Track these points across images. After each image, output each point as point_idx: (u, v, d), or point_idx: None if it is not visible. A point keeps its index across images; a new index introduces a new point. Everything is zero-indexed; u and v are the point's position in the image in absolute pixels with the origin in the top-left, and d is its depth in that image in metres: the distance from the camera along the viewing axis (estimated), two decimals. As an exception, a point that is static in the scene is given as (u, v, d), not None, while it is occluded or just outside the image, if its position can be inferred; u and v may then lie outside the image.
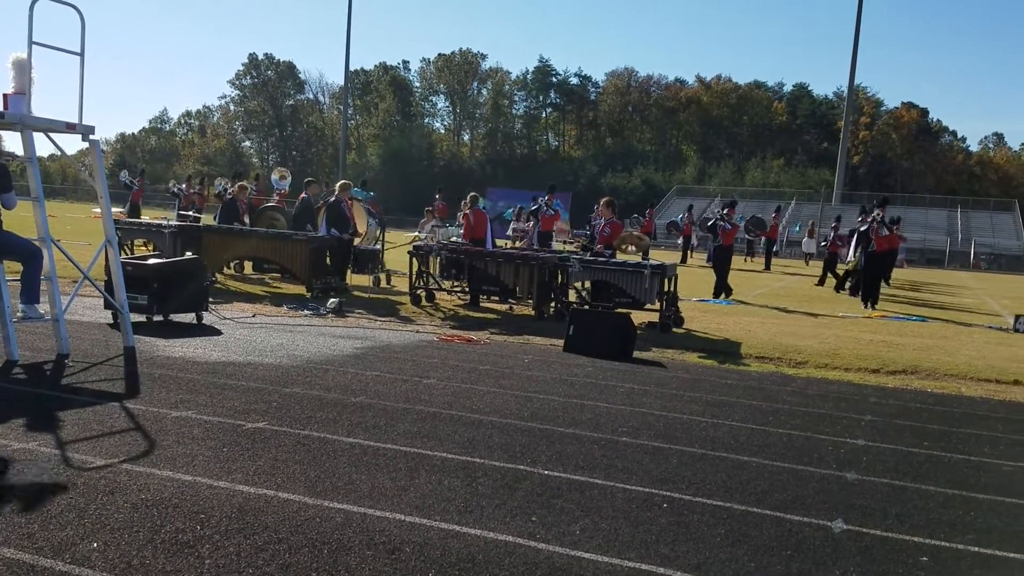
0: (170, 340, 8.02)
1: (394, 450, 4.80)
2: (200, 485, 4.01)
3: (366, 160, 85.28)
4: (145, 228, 13.69)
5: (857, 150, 71.74)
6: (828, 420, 6.33)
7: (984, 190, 66.59)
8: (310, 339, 8.66)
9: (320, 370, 7.03)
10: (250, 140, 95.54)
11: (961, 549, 3.81)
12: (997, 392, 7.96)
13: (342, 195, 13.45)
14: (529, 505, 4.02)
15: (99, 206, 7.67)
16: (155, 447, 4.59)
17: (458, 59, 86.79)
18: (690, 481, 4.57)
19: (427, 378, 6.96)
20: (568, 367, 7.91)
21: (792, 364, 8.88)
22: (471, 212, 13.89)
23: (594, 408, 6.22)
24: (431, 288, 12.36)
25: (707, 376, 7.94)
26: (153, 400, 5.64)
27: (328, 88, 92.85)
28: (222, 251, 12.93)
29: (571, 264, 11.03)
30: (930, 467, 5.19)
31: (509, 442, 5.12)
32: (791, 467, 4.98)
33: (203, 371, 6.68)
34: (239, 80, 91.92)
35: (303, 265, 12.25)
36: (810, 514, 4.15)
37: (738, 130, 79.26)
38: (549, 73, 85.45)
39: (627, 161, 76.55)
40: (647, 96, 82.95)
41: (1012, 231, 53.46)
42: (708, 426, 5.88)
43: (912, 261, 41.63)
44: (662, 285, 10.69)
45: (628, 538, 3.68)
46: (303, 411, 5.58)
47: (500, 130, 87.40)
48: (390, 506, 3.88)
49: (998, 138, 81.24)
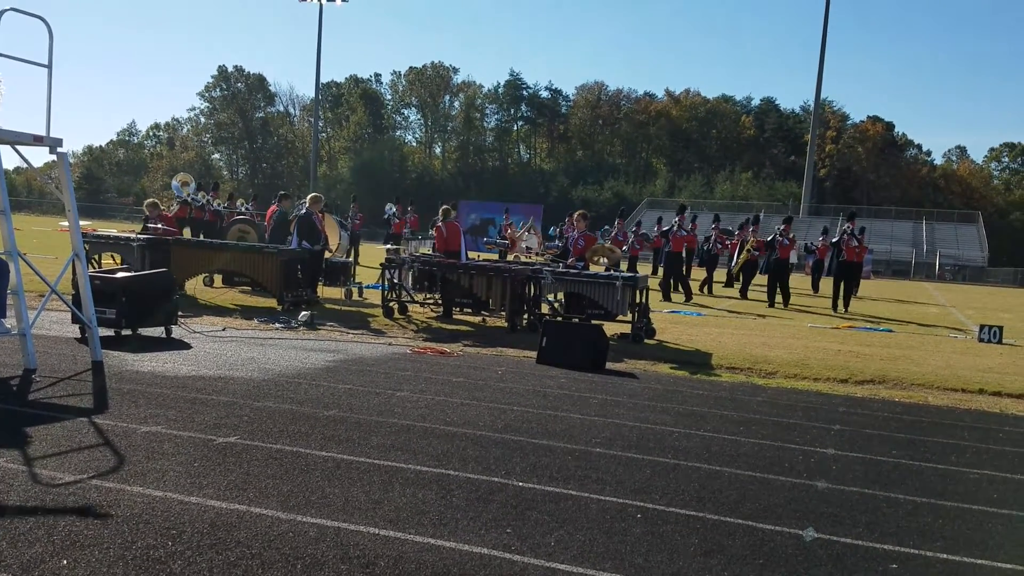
0: (139, 354, 7.93)
1: (368, 463, 4.78)
2: (171, 501, 3.97)
3: (337, 173, 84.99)
4: (113, 241, 13.53)
5: (824, 163, 72.78)
6: (798, 429, 6.40)
7: (948, 202, 67.86)
8: (281, 352, 8.60)
9: (292, 383, 6.98)
10: (219, 153, 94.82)
11: (930, 556, 3.87)
12: (963, 401, 8.10)
13: (313, 207, 13.40)
14: (504, 517, 4.02)
15: (67, 219, 7.58)
16: (125, 463, 4.53)
17: (430, 72, 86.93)
18: (663, 491, 4.60)
19: (400, 391, 6.94)
20: (541, 379, 7.93)
21: (762, 374, 8.97)
22: (444, 224, 13.90)
23: (567, 419, 6.24)
24: (404, 300, 12.33)
25: (679, 387, 8.00)
26: (122, 415, 5.57)
27: (299, 100, 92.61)
28: (192, 264, 12.81)
29: (543, 276, 11.08)
30: (898, 475, 5.27)
31: (483, 454, 5.12)
32: (762, 476, 5.03)
33: (173, 386, 6.61)
34: (209, 92, 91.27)
35: (274, 278, 12.18)
36: (782, 523, 4.20)
37: (707, 143, 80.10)
38: (520, 86, 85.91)
39: (598, 174, 77.05)
40: (617, 109, 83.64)
41: (976, 242, 54.54)
42: (681, 436, 5.92)
43: (878, 272, 42.27)
44: (634, 297, 10.77)
45: (602, 549, 3.70)
46: (275, 425, 5.54)
47: (472, 143, 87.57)
48: (364, 520, 3.86)
49: (961, 151, 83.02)
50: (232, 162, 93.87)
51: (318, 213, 13.59)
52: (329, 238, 15.55)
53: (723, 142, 79.85)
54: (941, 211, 61.93)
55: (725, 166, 75.38)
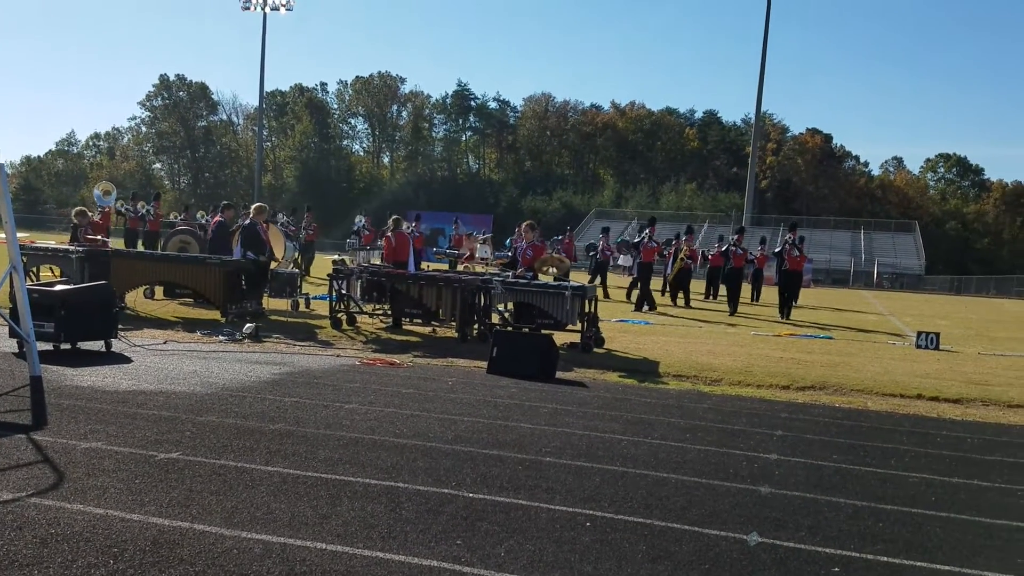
0: (78, 369, 7.73)
1: (315, 477, 4.73)
2: (112, 518, 3.87)
3: (283, 182, 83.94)
4: (52, 253, 13.18)
5: (765, 175, 74.24)
6: (742, 436, 6.51)
7: (885, 212, 69.71)
8: (225, 365, 8.45)
9: (236, 397, 6.87)
10: (161, 162, 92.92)
11: (871, 559, 3.96)
12: (901, 406, 8.33)
13: (257, 218, 13.22)
14: (454, 529, 4.01)
15: (3, 231, 7.36)
16: (64, 480, 4.41)
17: (377, 82, 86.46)
18: (612, 499, 4.63)
19: (349, 403, 6.88)
20: (492, 389, 7.94)
21: (708, 382, 9.10)
22: (393, 235, 13.83)
23: (518, 429, 6.25)
24: (352, 312, 12.23)
25: (627, 395, 8.08)
26: (61, 431, 5.42)
27: (242, 109, 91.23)
28: (132, 276, 12.53)
29: (494, 286, 11.09)
30: (839, 480, 5.39)
31: (433, 466, 5.10)
32: (708, 482, 5.11)
33: (113, 400, 6.46)
34: (150, 101, 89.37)
35: (217, 289, 11.97)
36: (727, 528, 4.26)
37: (652, 155, 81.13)
38: (468, 97, 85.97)
39: (546, 184, 77.49)
40: (564, 121, 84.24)
41: (913, 251, 56.15)
42: (629, 444, 5.98)
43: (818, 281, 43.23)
44: (583, 306, 10.84)
45: (552, 558, 3.72)
46: (219, 440, 5.44)
47: (420, 153, 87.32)
48: (311, 535, 3.82)
49: (898, 162, 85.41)
50: (174, 171, 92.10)
51: (263, 223, 13.42)
52: (274, 248, 15.36)
53: (668, 154, 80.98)
54: (879, 221, 63.62)
55: (670, 177, 76.41)
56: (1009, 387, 9.47)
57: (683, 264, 20.96)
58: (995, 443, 6.79)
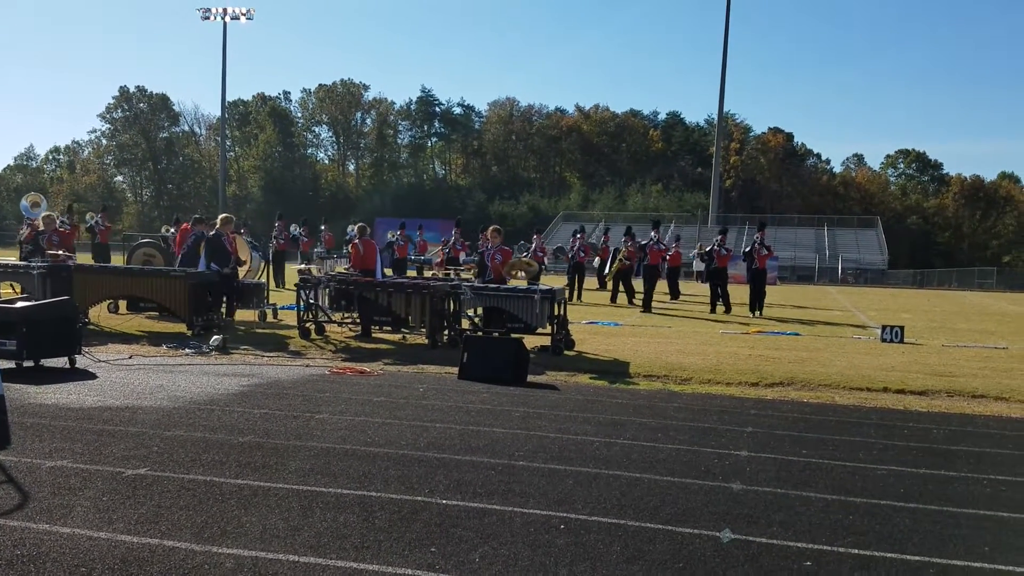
0: (42, 386, 7.58)
1: (286, 489, 4.68)
2: (79, 537, 3.80)
3: (247, 192, 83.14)
4: (12, 270, 12.92)
5: (729, 174, 74.95)
6: (713, 433, 6.56)
7: (848, 208, 70.68)
8: (192, 379, 8.35)
9: (204, 411, 6.78)
10: (122, 175, 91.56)
11: (842, 552, 4.01)
12: (868, 400, 8.44)
13: (223, 228, 13.08)
14: (428, 536, 4.00)
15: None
16: (29, 500, 4.32)
17: (340, 89, 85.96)
18: (585, 501, 4.64)
19: (319, 413, 6.82)
20: (463, 394, 7.92)
21: (678, 381, 9.16)
22: (360, 242, 13.76)
23: (490, 434, 6.24)
24: (321, 321, 12.13)
25: (599, 396, 8.10)
26: (25, 450, 5.32)
27: (204, 119, 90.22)
28: (95, 291, 12.33)
29: (463, 291, 11.07)
30: (809, 474, 5.45)
31: (406, 473, 5.07)
32: (680, 481, 5.14)
33: (78, 418, 6.35)
34: (110, 113, 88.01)
35: (183, 302, 11.82)
36: (700, 525, 4.29)
37: (618, 157, 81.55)
38: (432, 103, 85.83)
39: (513, 188, 77.55)
40: (529, 125, 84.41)
41: (876, 246, 56.96)
42: (601, 445, 6.00)
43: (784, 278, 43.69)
44: (552, 309, 10.86)
45: (527, 562, 3.71)
46: (187, 454, 5.37)
47: (386, 160, 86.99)
48: (283, 547, 3.78)
49: (859, 159, 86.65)
50: (136, 184, 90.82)
51: (229, 234, 13.27)
52: (240, 258, 15.20)
53: (633, 155, 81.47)
54: (842, 217, 64.45)
55: (636, 179, 76.89)
56: (973, 378, 9.65)
57: (621, 264, 21.41)
58: (960, 433, 6.91)
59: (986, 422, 7.48)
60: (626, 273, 21.55)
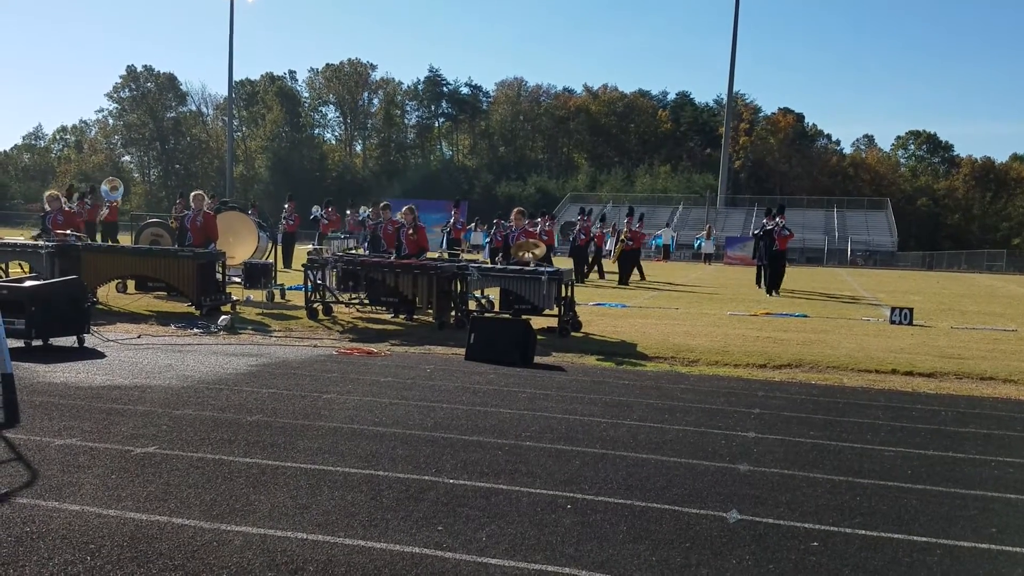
0: (51, 365, 7.62)
1: (294, 468, 4.70)
2: (88, 515, 3.82)
3: (254, 172, 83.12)
4: (20, 249, 12.96)
5: (738, 155, 74.61)
6: (720, 415, 6.55)
7: (858, 190, 70.28)
8: (201, 358, 8.38)
9: (212, 390, 6.81)
10: (130, 155, 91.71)
11: (849, 533, 4.01)
12: (876, 382, 8.42)
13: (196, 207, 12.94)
14: (435, 515, 4.01)
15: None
16: (39, 477, 4.35)
17: (347, 69, 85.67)
18: (592, 481, 4.65)
19: (327, 393, 6.84)
20: (470, 375, 7.93)
21: (685, 362, 9.15)
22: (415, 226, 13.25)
23: (497, 414, 6.25)
24: (328, 301, 12.15)
25: (605, 378, 8.10)
26: (35, 429, 5.35)
27: (212, 99, 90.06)
28: (104, 270, 12.36)
29: (470, 272, 11.07)
30: (817, 455, 5.44)
31: (413, 453, 5.09)
32: (687, 462, 5.14)
33: (87, 396, 6.38)
34: (117, 93, 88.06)
35: (191, 282, 11.84)
36: (706, 506, 4.29)
37: (626, 138, 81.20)
38: (440, 83, 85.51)
39: (521, 169, 77.37)
40: (537, 105, 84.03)
41: (885, 228, 56.67)
42: (608, 426, 6.00)
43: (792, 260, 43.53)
44: (560, 291, 10.85)
45: (534, 541, 3.72)
46: (196, 433, 5.39)
47: (393, 140, 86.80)
48: (291, 525, 3.80)
49: (869, 140, 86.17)
50: (143, 164, 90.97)
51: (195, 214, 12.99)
52: (247, 239, 15.23)
53: (641, 136, 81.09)
54: (851, 199, 64.06)
55: (644, 160, 76.55)
56: (982, 360, 9.61)
57: (625, 246, 21.39)
58: (969, 415, 6.89)
59: (994, 404, 7.45)
60: (634, 254, 21.55)
